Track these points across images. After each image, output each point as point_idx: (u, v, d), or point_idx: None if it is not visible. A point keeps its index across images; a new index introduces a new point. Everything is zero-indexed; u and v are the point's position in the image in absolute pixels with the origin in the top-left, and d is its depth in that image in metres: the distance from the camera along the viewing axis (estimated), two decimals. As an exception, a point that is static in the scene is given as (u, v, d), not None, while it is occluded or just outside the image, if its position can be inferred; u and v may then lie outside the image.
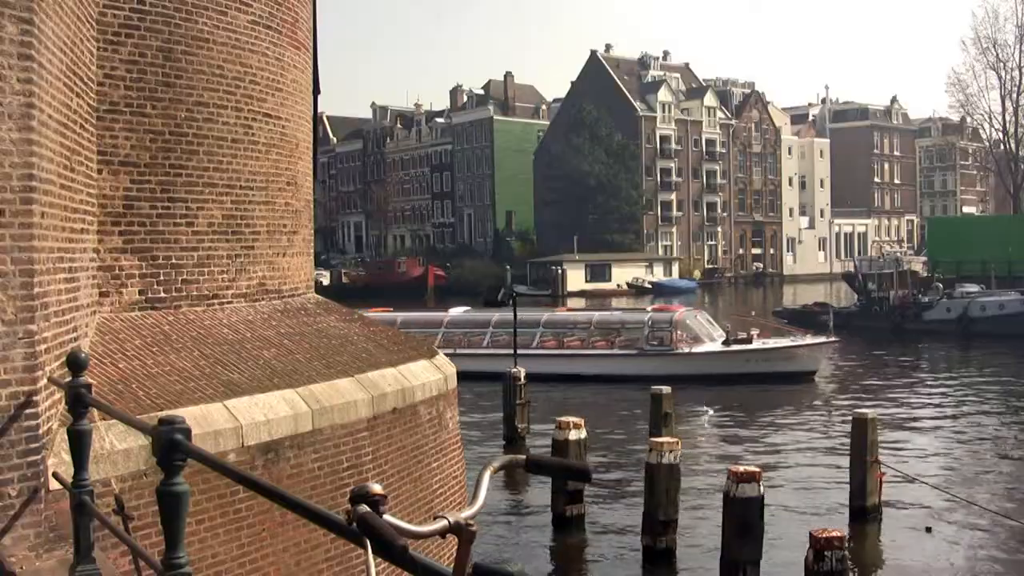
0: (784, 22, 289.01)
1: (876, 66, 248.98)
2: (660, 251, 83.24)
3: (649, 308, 31.99)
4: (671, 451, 12.28)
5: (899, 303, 41.42)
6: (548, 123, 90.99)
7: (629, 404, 23.41)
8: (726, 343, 27.18)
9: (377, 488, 2.09)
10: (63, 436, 5.08)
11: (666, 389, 17.15)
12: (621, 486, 15.91)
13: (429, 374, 9.06)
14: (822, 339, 27.96)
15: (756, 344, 27.45)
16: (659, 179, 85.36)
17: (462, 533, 2.07)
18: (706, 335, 27.63)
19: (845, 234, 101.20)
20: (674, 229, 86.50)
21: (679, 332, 27.26)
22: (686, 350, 26.93)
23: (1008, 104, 67.37)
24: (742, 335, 27.95)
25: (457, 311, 32.77)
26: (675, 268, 79.81)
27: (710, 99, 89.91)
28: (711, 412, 22.56)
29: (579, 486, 13.55)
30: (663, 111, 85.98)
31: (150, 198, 7.37)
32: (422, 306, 28.99)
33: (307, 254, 9.49)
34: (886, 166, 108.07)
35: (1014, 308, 38.78)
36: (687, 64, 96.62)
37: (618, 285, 72.82)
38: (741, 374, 26.12)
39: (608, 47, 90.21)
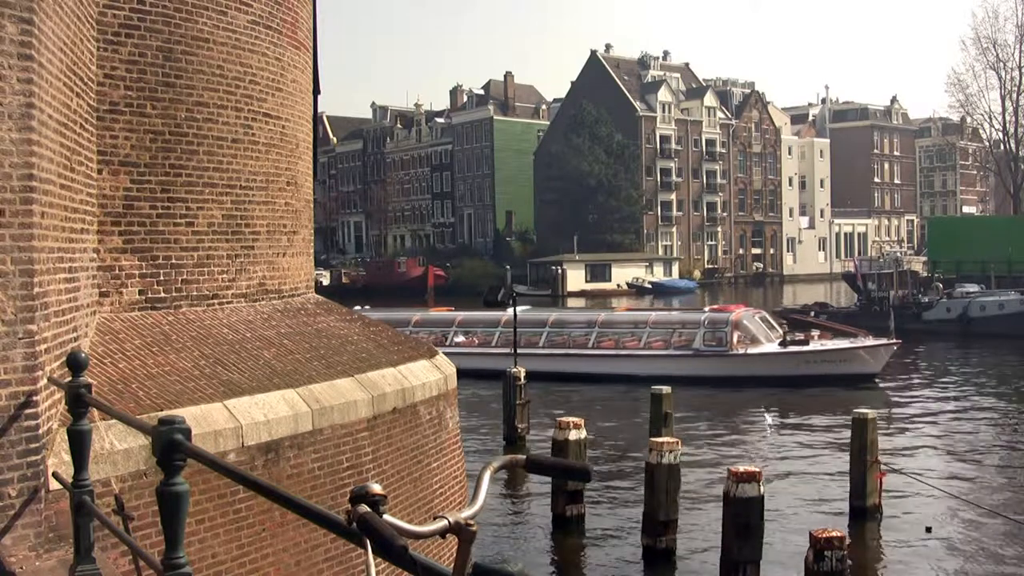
0: (784, 22, 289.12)
1: (876, 66, 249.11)
2: (660, 251, 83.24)
3: (707, 308, 31.26)
4: (671, 451, 12.27)
5: (899, 303, 41.43)
6: (548, 123, 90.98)
7: (629, 404, 23.42)
8: (783, 344, 26.58)
9: (377, 488, 2.09)
10: (63, 436, 5.08)
11: (666, 389, 17.15)
12: (621, 486, 15.91)
13: (429, 374, 9.06)
14: (884, 340, 27.20)
15: (814, 345, 26.88)
16: (659, 179, 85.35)
17: (462, 533, 2.07)
18: (764, 336, 27.03)
19: (845, 234, 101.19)
20: (674, 229, 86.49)
21: (736, 333, 26.67)
22: (742, 351, 26.41)
23: (1008, 104, 67.36)
24: (799, 336, 27.49)
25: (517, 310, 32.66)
26: (675, 268, 79.82)
27: (710, 99, 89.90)
28: (769, 417, 21.91)
29: (579, 486, 13.56)
30: (663, 111, 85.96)
31: (150, 198, 7.37)
32: (490, 306, 28.70)
33: (307, 254, 9.49)
34: (886, 166, 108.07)
35: (1014, 308, 38.79)
36: (687, 64, 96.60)
37: (618, 285, 72.83)
38: (799, 376, 25.48)
39: (608, 47, 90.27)
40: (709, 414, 22.61)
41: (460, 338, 29.91)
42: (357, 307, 33.54)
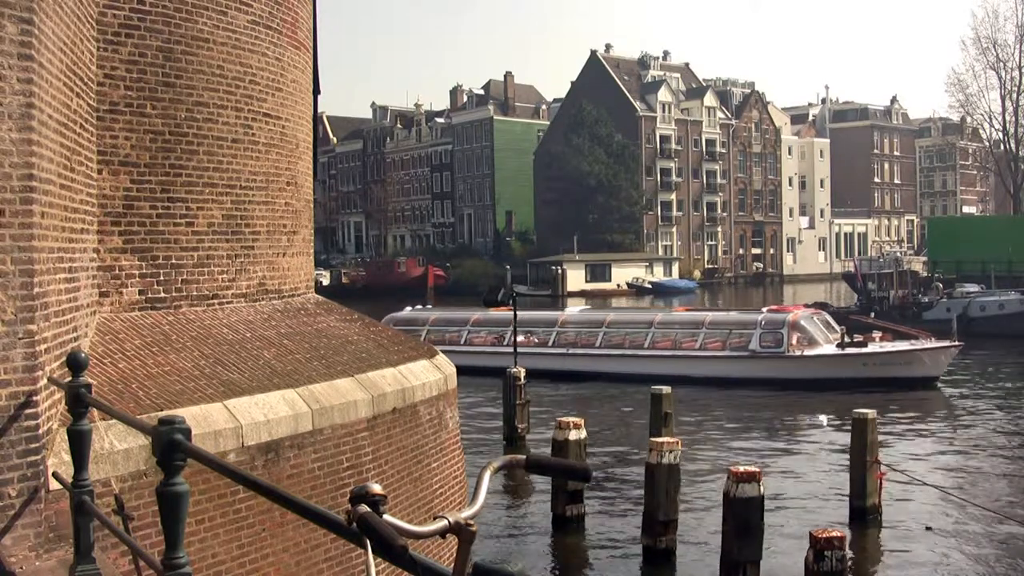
0: (784, 22, 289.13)
1: (876, 66, 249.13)
2: (660, 251, 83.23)
3: (764, 309, 30.57)
4: (671, 451, 12.26)
5: (899, 303, 41.41)
6: (548, 123, 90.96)
7: (629, 404, 23.42)
8: (840, 346, 25.99)
9: (377, 488, 2.09)
10: (63, 436, 5.08)
11: (666, 389, 17.14)
12: (621, 486, 15.91)
13: (429, 374, 9.06)
14: (946, 343, 26.49)
15: (873, 347, 26.32)
16: (659, 179, 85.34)
17: (462, 533, 2.07)
18: (822, 337, 26.43)
19: (845, 234, 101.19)
20: (674, 229, 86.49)
21: (794, 334, 26.09)
22: (799, 353, 25.85)
23: (1008, 104, 67.39)
24: (858, 338, 26.83)
25: (573, 311, 32.21)
26: (675, 268, 79.83)
27: (710, 99, 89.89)
28: (825, 421, 21.42)
29: (579, 486, 13.55)
30: (663, 111, 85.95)
31: (150, 198, 7.37)
32: (550, 305, 28.58)
33: (307, 254, 9.49)
34: (886, 166, 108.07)
35: (1014, 308, 38.78)
36: (687, 64, 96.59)
37: (618, 285, 72.85)
38: (856, 379, 24.91)
39: (608, 47, 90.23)
40: (747, 415, 22.51)
41: (519, 338, 29.77)
42: (413, 307, 33.47)
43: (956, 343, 26.66)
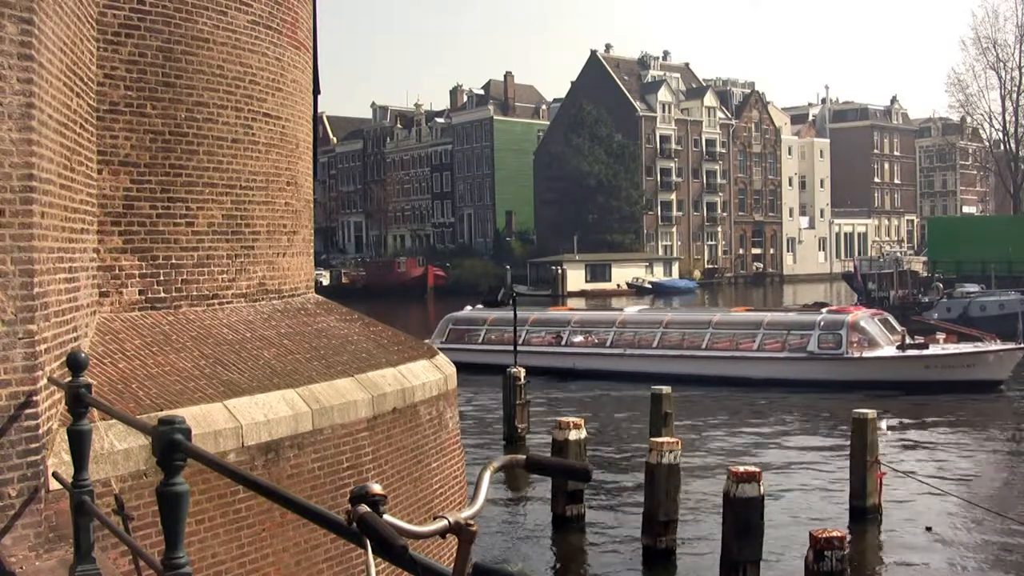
0: (784, 22, 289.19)
1: (876, 66, 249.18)
2: (660, 251, 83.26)
3: (824, 309, 29.79)
4: (671, 451, 12.27)
5: (899, 303, 41.40)
6: (548, 123, 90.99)
7: (629, 404, 23.41)
8: (901, 347, 25.44)
9: (377, 488, 2.09)
10: (63, 436, 5.08)
11: (666, 389, 17.15)
12: (621, 486, 15.91)
13: (429, 374, 9.06)
14: (1011, 345, 25.84)
15: (935, 349, 25.70)
16: (659, 179, 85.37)
17: (462, 533, 2.07)
18: (883, 339, 25.82)
19: (845, 234, 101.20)
20: (674, 229, 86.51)
21: (853, 335, 25.56)
22: (857, 355, 25.34)
23: (1008, 104, 67.39)
24: (919, 339, 26.33)
25: (632, 310, 32.02)
26: (675, 268, 79.88)
27: (710, 99, 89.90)
28: (885, 426, 20.71)
29: (579, 486, 13.55)
30: (663, 111, 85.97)
31: (150, 198, 7.37)
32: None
33: (307, 254, 9.49)
34: (886, 166, 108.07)
35: (1014, 308, 38.72)
36: (687, 64, 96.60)
37: (618, 285, 72.89)
38: (918, 382, 24.40)
39: (608, 47, 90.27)
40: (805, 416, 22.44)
41: (578, 338, 29.50)
42: (470, 307, 33.26)
43: (1022, 346, 25.83)
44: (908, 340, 25.97)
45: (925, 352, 25.52)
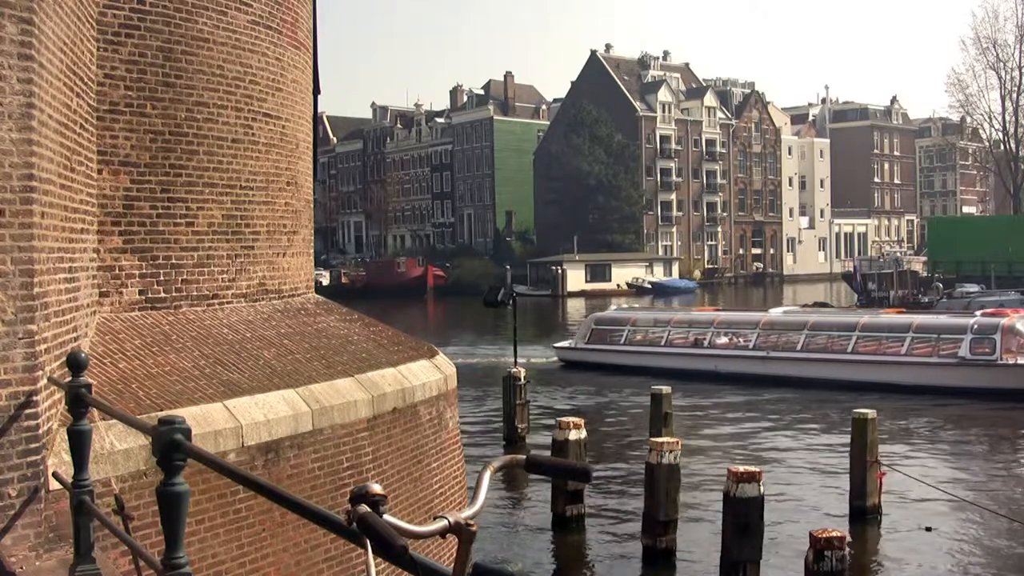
0: (784, 22, 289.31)
1: (876, 66, 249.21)
2: (660, 251, 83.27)
3: (977, 312, 28.18)
4: (671, 451, 12.26)
5: (899, 303, 41.43)
6: (548, 123, 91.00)
7: (629, 404, 23.41)
8: None
9: (377, 488, 2.09)
10: (63, 436, 5.08)
11: (666, 389, 17.13)
12: (621, 486, 15.91)
13: (429, 374, 9.06)
14: None
15: None
16: (659, 179, 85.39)
17: (462, 533, 2.07)
18: None
19: (845, 234, 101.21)
20: (674, 229, 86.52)
21: (1009, 340, 23.94)
22: (1012, 361, 23.55)
23: (1008, 104, 67.50)
24: None
25: (777, 311, 30.92)
26: (675, 268, 79.88)
27: (710, 99, 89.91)
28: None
29: (579, 486, 13.55)
30: (663, 111, 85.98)
31: (150, 198, 7.37)
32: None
33: (307, 254, 9.49)
34: (886, 166, 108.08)
35: (1014, 308, 38.74)
36: (687, 64, 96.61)
37: (618, 285, 72.91)
38: None
39: (608, 47, 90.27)
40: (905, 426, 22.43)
41: (722, 339, 28.93)
42: (619, 306, 32.45)
43: None
44: None
45: None
